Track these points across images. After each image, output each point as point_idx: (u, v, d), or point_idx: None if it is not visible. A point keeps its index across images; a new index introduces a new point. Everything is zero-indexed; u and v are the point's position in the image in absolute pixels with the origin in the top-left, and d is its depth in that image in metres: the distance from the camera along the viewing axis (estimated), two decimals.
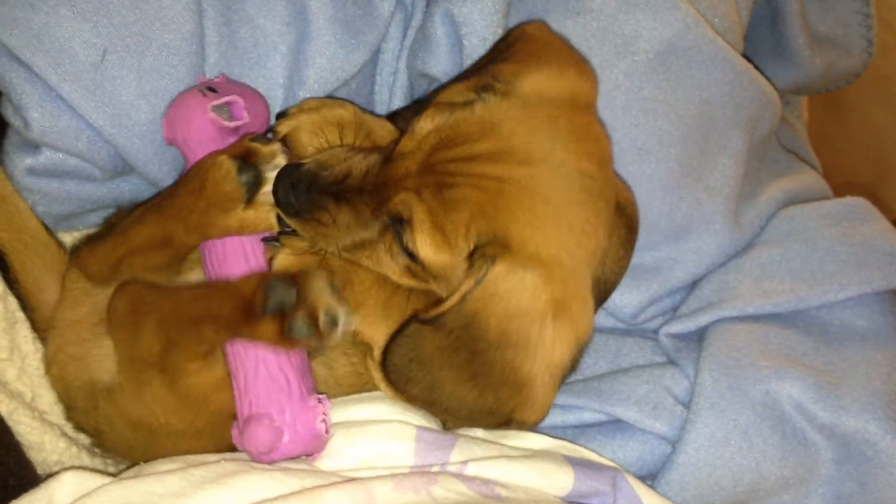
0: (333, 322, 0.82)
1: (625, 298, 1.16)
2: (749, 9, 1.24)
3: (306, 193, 0.86)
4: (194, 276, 0.98)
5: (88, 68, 0.97)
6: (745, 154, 1.17)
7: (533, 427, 0.88)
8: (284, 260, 0.91)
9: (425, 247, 0.83)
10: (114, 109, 0.99)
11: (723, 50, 1.11)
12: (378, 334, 0.92)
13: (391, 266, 0.89)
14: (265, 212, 0.90)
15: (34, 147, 1.02)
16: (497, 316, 0.80)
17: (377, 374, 0.94)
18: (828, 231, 1.16)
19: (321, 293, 0.82)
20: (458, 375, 0.83)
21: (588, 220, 0.84)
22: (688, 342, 1.14)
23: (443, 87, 1.06)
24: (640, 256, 1.16)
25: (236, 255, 0.92)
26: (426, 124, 0.85)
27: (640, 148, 1.10)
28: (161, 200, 0.93)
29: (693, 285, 1.19)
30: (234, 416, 0.90)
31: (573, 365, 0.85)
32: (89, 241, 1.01)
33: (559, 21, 1.09)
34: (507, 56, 0.94)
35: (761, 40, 1.37)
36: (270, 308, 0.81)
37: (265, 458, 0.87)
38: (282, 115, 1.02)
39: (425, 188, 0.83)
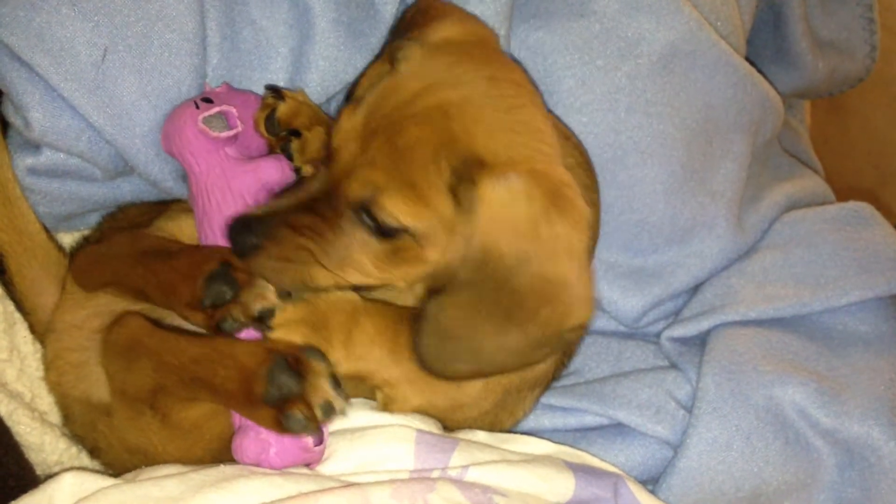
0: (330, 412, 0.81)
1: (627, 302, 1.16)
2: (751, 13, 1.24)
3: (262, 224, 0.83)
4: None
5: (89, 68, 0.97)
6: (747, 158, 1.17)
7: (586, 329, 0.86)
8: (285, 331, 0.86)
9: (400, 208, 0.80)
10: (115, 109, 0.99)
11: (726, 54, 1.11)
12: (392, 375, 0.90)
13: (378, 267, 0.86)
14: (208, 321, 0.86)
15: (35, 147, 1.02)
16: (504, 236, 0.79)
17: (400, 408, 0.93)
18: (831, 236, 1.16)
19: (321, 385, 0.81)
20: (493, 325, 0.81)
21: (535, 119, 0.84)
22: (690, 346, 1.14)
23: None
24: (642, 260, 1.16)
25: None
26: (348, 114, 0.84)
27: (643, 151, 1.10)
28: (156, 256, 0.91)
29: (695, 289, 1.19)
30: (231, 439, 0.88)
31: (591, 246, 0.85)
32: (83, 251, 1.00)
33: (562, 23, 1.09)
34: (409, 29, 0.93)
35: (764, 44, 1.37)
36: (271, 398, 0.81)
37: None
38: (275, 91, 1.01)
39: (377, 154, 0.81)
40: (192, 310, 0.86)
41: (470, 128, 0.80)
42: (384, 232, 0.82)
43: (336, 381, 0.83)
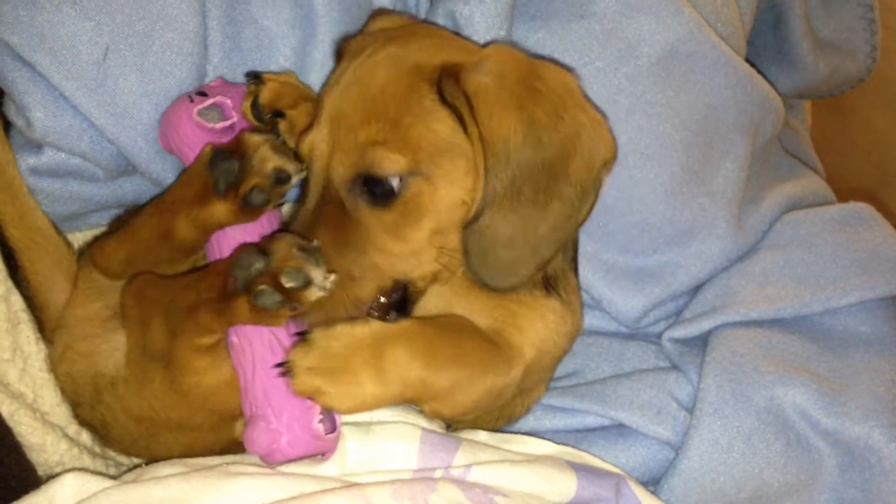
0: (304, 281, 0.77)
1: (628, 302, 1.16)
2: (752, 13, 1.24)
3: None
4: None
5: (91, 67, 0.97)
6: (748, 159, 1.17)
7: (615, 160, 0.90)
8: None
9: (392, 149, 0.83)
10: (116, 108, 0.99)
11: (725, 55, 1.11)
12: (437, 388, 0.87)
13: (402, 239, 0.86)
14: (232, 205, 0.86)
15: (37, 147, 1.02)
16: (510, 115, 0.82)
17: (450, 415, 0.92)
18: (831, 236, 1.16)
19: (287, 253, 0.78)
20: (536, 209, 0.84)
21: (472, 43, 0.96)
22: (691, 347, 1.14)
23: None
24: (642, 260, 1.16)
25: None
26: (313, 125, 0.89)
27: (643, 152, 1.10)
28: (158, 196, 0.93)
29: (696, 290, 1.19)
30: (233, 417, 0.89)
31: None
32: (101, 238, 1.00)
33: (563, 24, 1.09)
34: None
35: (765, 45, 1.37)
36: (240, 284, 0.78)
37: (270, 460, 0.86)
38: (256, 77, 1.01)
39: (350, 120, 0.84)
40: (212, 204, 0.85)
41: (427, 53, 0.87)
42: (389, 192, 0.84)
43: (307, 249, 0.79)
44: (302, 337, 0.83)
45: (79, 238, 1.12)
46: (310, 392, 0.82)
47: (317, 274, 0.78)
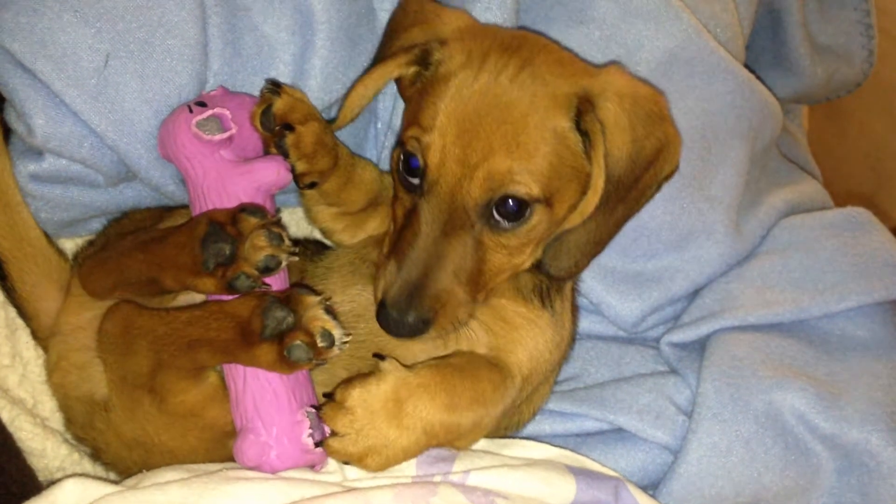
0: (330, 340, 0.83)
1: (626, 307, 1.16)
2: (751, 19, 1.24)
3: (410, 308, 0.85)
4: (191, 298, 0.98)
5: (91, 74, 0.97)
6: (746, 164, 1.17)
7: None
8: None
9: (528, 179, 0.84)
10: (116, 115, 0.99)
11: (724, 60, 1.11)
12: (461, 429, 0.90)
13: (513, 254, 0.90)
14: (218, 283, 0.88)
15: (37, 153, 1.02)
16: (625, 140, 0.87)
17: (467, 446, 0.95)
18: (829, 241, 1.17)
19: (316, 313, 0.83)
20: (608, 215, 0.90)
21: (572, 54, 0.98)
22: (689, 351, 1.14)
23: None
24: (641, 265, 1.17)
25: None
26: (428, 133, 0.86)
27: None
28: (152, 241, 0.93)
29: (694, 294, 1.20)
30: (226, 432, 0.90)
31: None
32: (88, 258, 1.01)
33: (562, 30, 1.09)
34: (399, 31, 1.00)
35: (763, 50, 1.38)
36: (269, 333, 0.82)
37: (259, 471, 0.87)
38: (275, 85, 1.00)
39: (489, 141, 0.84)
40: (199, 276, 0.87)
41: (558, 78, 0.88)
42: (517, 217, 0.87)
43: (331, 311, 0.84)
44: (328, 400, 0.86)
45: (78, 243, 1.12)
46: (346, 460, 0.86)
47: (339, 333, 0.83)
